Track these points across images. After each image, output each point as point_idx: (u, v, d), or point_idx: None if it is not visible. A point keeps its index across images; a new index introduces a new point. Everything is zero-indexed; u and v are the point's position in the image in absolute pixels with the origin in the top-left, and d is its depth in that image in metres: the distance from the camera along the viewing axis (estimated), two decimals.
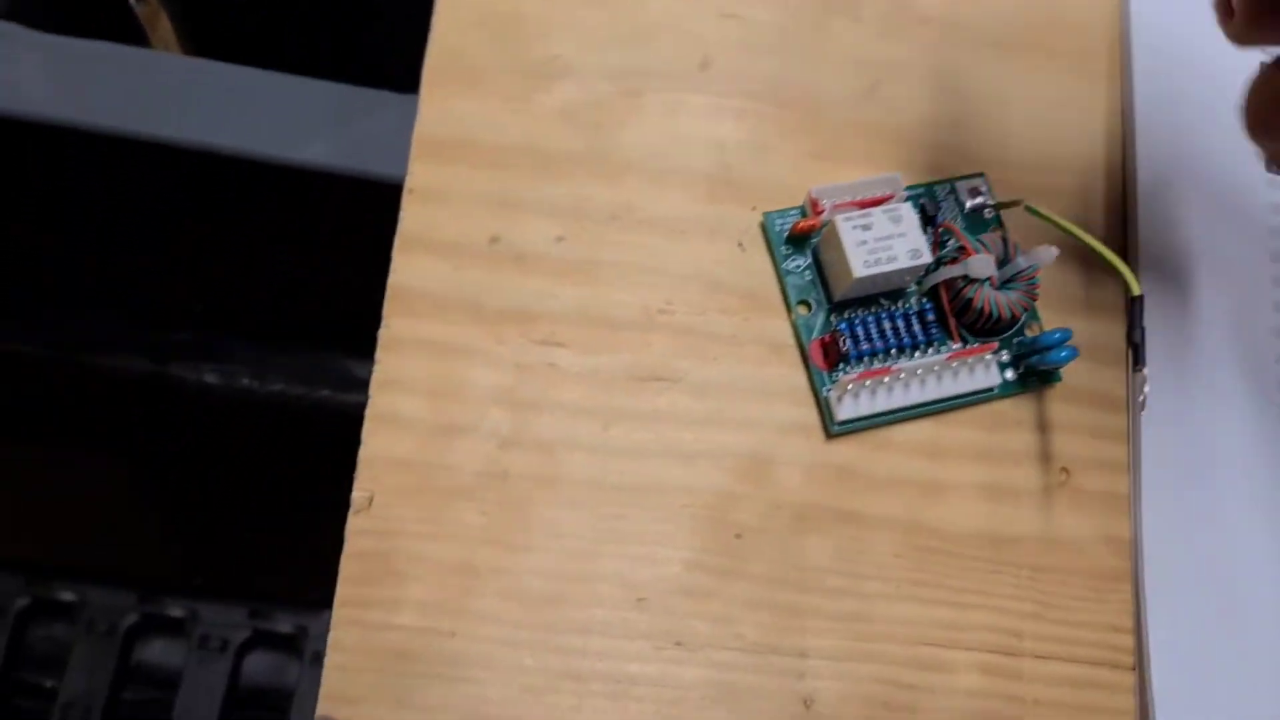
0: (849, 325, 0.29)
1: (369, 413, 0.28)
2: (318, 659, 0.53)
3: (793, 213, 0.30)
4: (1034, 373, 0.30)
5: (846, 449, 0.29)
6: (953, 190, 0.31)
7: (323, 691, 0.26)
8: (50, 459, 0.50)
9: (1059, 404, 0.30)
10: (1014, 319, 0.29)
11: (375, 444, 0.27)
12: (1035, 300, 0.29)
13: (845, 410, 0.28)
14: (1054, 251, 0.28)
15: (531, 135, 0.30)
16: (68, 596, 0.53)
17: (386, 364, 0.28)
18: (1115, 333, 0.31)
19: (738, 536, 0.28)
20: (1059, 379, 0.30)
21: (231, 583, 0.53)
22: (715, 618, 0.27)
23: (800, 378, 0.29)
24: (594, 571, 0.27)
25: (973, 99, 0.33)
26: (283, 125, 0.31)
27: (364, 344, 0.40)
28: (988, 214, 0.31)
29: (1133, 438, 0.30)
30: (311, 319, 0.42)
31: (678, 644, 0.27)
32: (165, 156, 0.32)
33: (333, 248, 0.38)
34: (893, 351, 0.29)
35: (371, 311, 0.36)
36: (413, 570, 0.27)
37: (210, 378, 0.41)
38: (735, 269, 0.30)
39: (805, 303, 0.30)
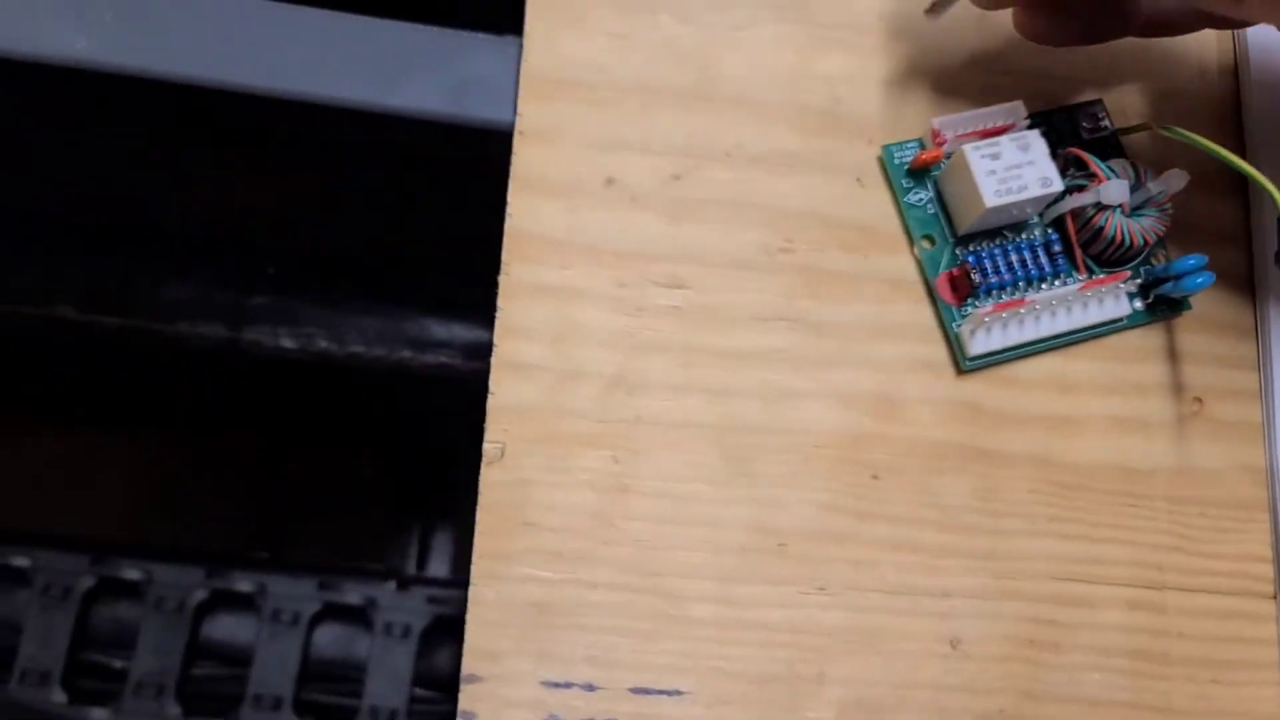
0: (976, 258, 0.28)
1: (495, 360, 0.27)
2: (389, 630, 0.53)
3: (912, 145, 0.29)
4: (1164, 302, 0.29)
5: (975, 386, 0.28)
6: (1071, 118, 0.30)
7: (466, 648, 0.25)
8: (118, 434, 0.49)
9: (1187, 334, 0.29)
10: (1146, 245, 0.28)
11: (502, 393, 0.27)
12: (1168, 227, 0.28)
13: (978, 345, 0.28)
14: (1185, 176, 0.27)
15: (638, 70, 0.29)
16: (134, 575, 0.52)
17: (508, 311, 0.27)
18: (1238, 259, 0.30)
19: (875, 477, 0.27)
20: (1189, 307, 0.29)
21: (298, 555, 0.52)
22: (856, 560, 0.27)
23: (924, 313, 0.29)
24: (730, 517, 0.26)
25: None
26: (377, 70, 0.30)
27: (442, 302, 0.39)
28: (1109, 142, 0.30)
29: (1264, 365, 0.29)
30: (388, 278, 0.41)
31: (820, 588, 0.26)
32: (248, 105, 0.30)
33: (408, 200, 0.37)
34: (1021, 284, 0.28)
35: (450, 268, 0.35)
36: (547, 520, 0.26)
37: (287, 342, 0.40)
38: (852, 204, 0.29)
39: (929, 237, 0.29)
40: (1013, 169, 0.27)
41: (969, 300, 0.28)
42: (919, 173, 0.29)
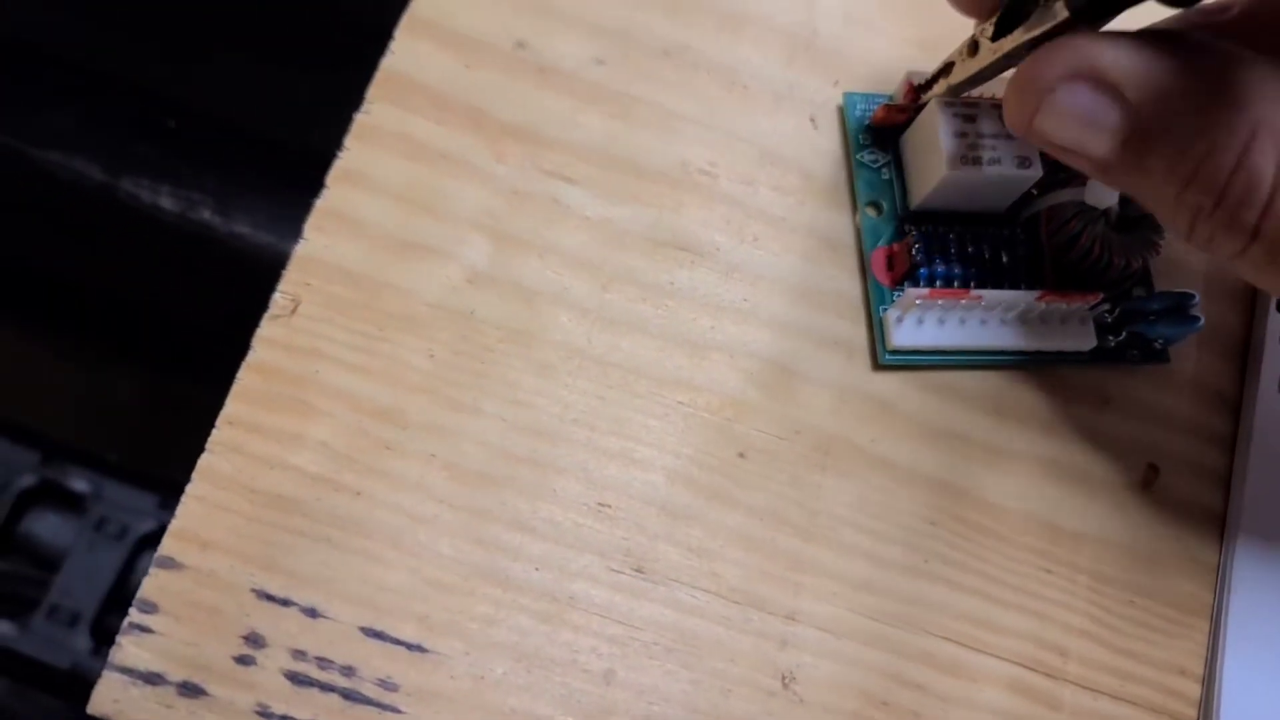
0: (924, 238, 0.24)
1: (318, 205, 0.22)
2: None
3: (881, 99, 0.25)
4: (1137, 343, 0.24)
5: (893, 383, 0.23)
6: None
7: (173, 526, 0.20)
8: None
9: (1159, 385, 0.24)
10: (1127, 269, 0.23)
11: (318, 243, 0.22)
12: (1157, 254, 0.24)
13: (903, 335, 0.23)
14: None
15: None
16: None
17: (355, 152, 0.22)
18: (1234, 320, 0.25)
19: (740, 455, 0.22)
20: (1165, 359, 0.24)
21: (148, 464, 0.47)
22: (692, 547, 0.21)
23: (854, 287, 0.24)
24: (553, 457, 0.21)
25: None
26: None
27: None
28: None
29: (1241, 446, 0.24)
30: (291, 162, 0.37)
31: (637, 569, 0.21)
32: None
33: (327, 75, 0.32)
34: (972, 282, 0.24)
35: None
36: (326, 404, 0.21)
37: (166, 202, 0.36)
38: (800, 145, 0.25)
39: (876, 204, 0.24)
40: (987, 139, 0.23)
41: (904, 283, 0.23)
42: (882, 132, 0.24)
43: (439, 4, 0.24)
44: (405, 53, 0.23)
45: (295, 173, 0.37)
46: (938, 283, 0.23)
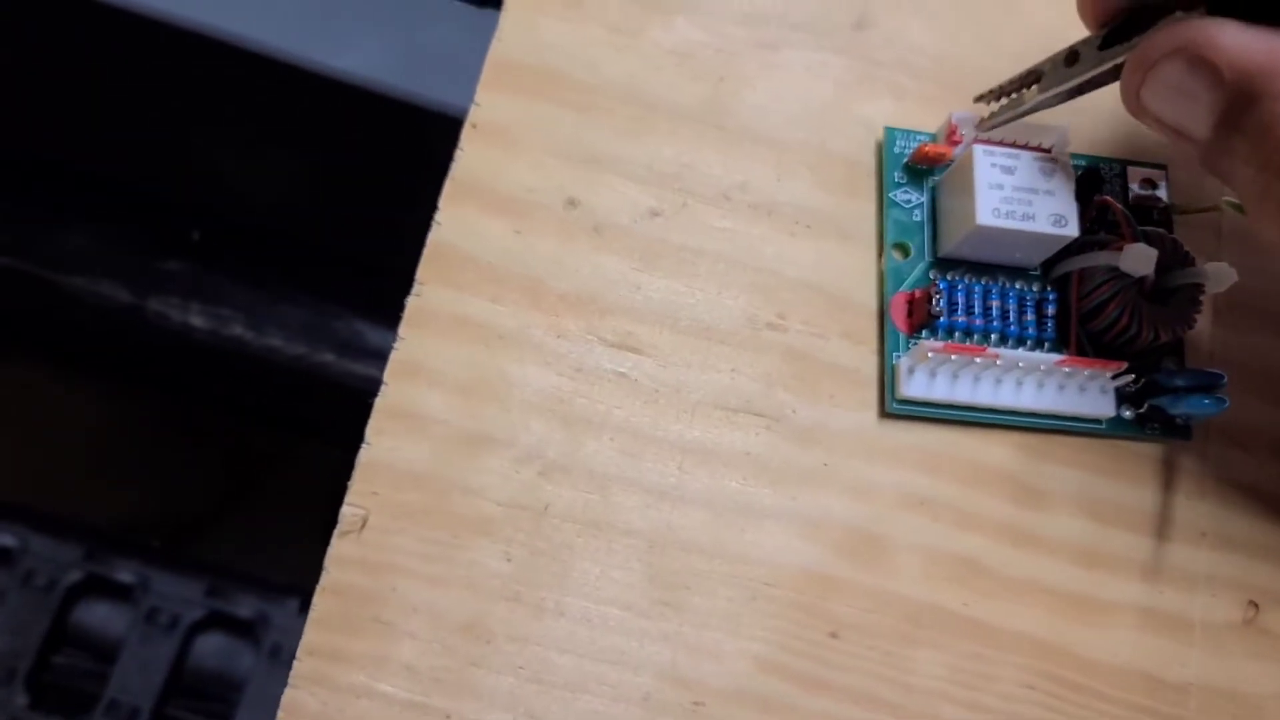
0: (949, 287, 0.23)
1: (379, 404, 0.21)
2: (276, 652, 0.47)
3: (923, 137, 0.24)
4: (1159, 418, 0.23)
5: (982, 541, 0.22)
6: (1122, 174, 0.24)
7: None
8: (4, 381, 0.43)
9: (1245, 513, 0.23)
10: (1157, 341, 0.22)
11: (382, 446, 0.21)
12: (1192, 326, 0.22)
13: (914, 386, 0.22)
14: (1233, 275, 0.22)
15: (636, 77, 0.24)
16: (7, 541, 0.46)
17: (411, 343, 0.21)
18: (1270, 414, 0.24)
19: (832, 635, 0.21)
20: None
21: (191, 552, 0.46)
22: None
23: (935, 439, 0.23)
24: (641, 656, 0.21)
25: None
26: (323, 23, 0.25)
27: (383, 307, 0.33)
28: (1156, 215, 0.24)
29: None
30: (325, 268, 0.36)
31: None
32: (174, 40, 0.25)
33: (364, 183, 0.31)
34: (993, 337, 0.23)
35: (401, 270, 0.29)
36: (407, 623, 0.20)
37: (197, 320, 0.35)
38: (871, 285, 0.23)
39: (903, 246, 0.23)
40: (1024, 192, 0.22)
41: (922, 332, 0.23)
42: (918, 171, 0.24)
43: (483, 162, 0.23)
44: (452, 222, 0.22)
45: (325, 278, 0.36)
46: (956, 334, 0.23)
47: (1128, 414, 0.23)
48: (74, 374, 0.42)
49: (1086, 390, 0.23)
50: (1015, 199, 0.22)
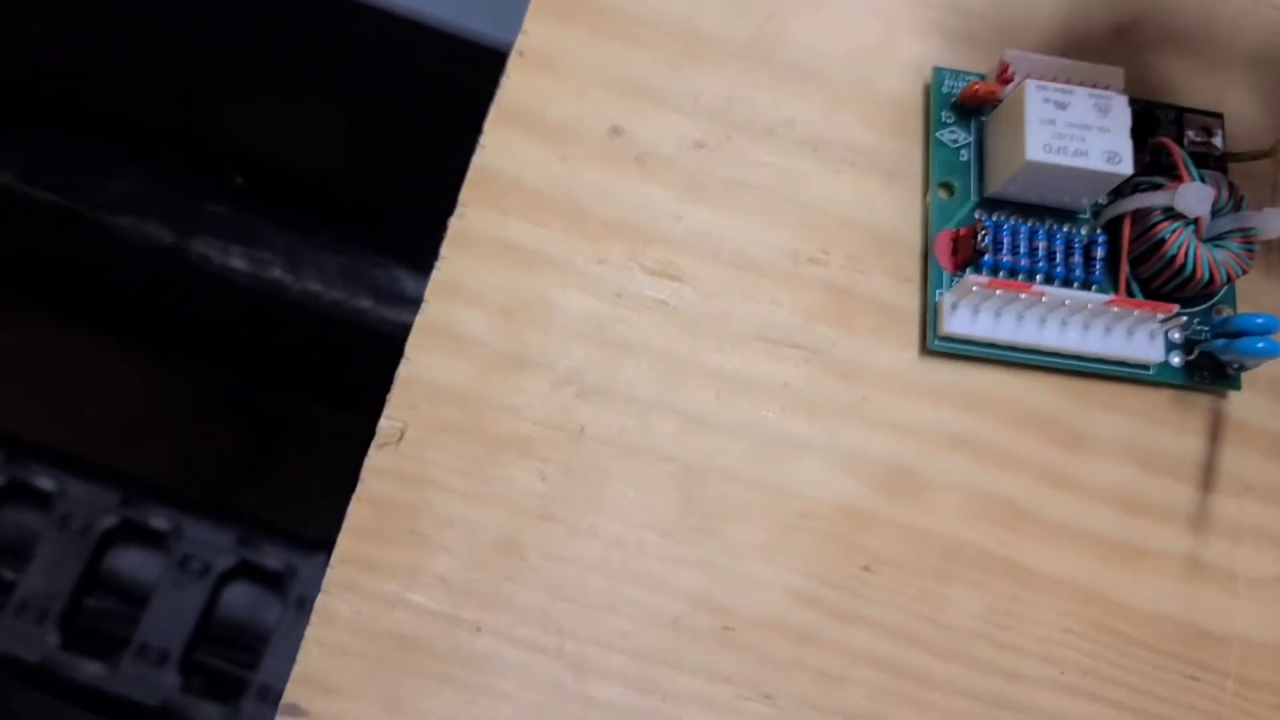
0: (995, 226, 0.22)
1: (419, 321, 0.21)
2: (303, 604, 0.47)
3: (973, 77, 0.24)
4: (1209, 365, 0.22)
5: (1023, 481, 0.22)
6: (1178, 120, 0.24)
7: (296, 671, 0.19)
8: (47, 325, 0.44)
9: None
10: (1212, 283, 0.22)
11: (421, 362, 0.21)
12: (1246, 271, 0.22)
13: (957, 323, 0.22)
14: None
15: (685, 11, 0.24)
16: (46, 484, 0.47)
17: (453, 262, 0.22)
18: None
19: (866, 569, 0.21)
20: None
21: (224, 503, 0.47)
22: (820, 670, 0.20)
23: (980, 379, 0.22)
24: (674, 580, 0.20)
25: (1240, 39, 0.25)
26: None
27: (422, 254, 0.33)
28: (1212, 163, 0.24)
29: None
30: (365, 215, 0.36)
31: (767, 696, 0.20)
32: None
33: (407, 126, 0.31)
34: (1039, 278, 0.22)
35: (442, 217, 0.29)
36: (441, 536, 0.20)
37: (237, 262, 0.35)
38: (916, 223, 0.23)
39: (948, 185, 0.23)
40: (1077, 128, 0.21)
41: (966, 269, 0.22)
42: (967, 110, 0.23)
43: (529, 89, 0.23)
44: (497, 147, 0.22)
45: (364, 226, 0.36)
46: (1002, 274, 0.22)
47: (1176, 360, 0.23)
48: (115, 321, 0.42)
49: (1135, 334, 0.22)
50: (1068, 134, 0.21)
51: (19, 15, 0.32)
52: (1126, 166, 0.21)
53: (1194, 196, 0.21)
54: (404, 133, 0.32)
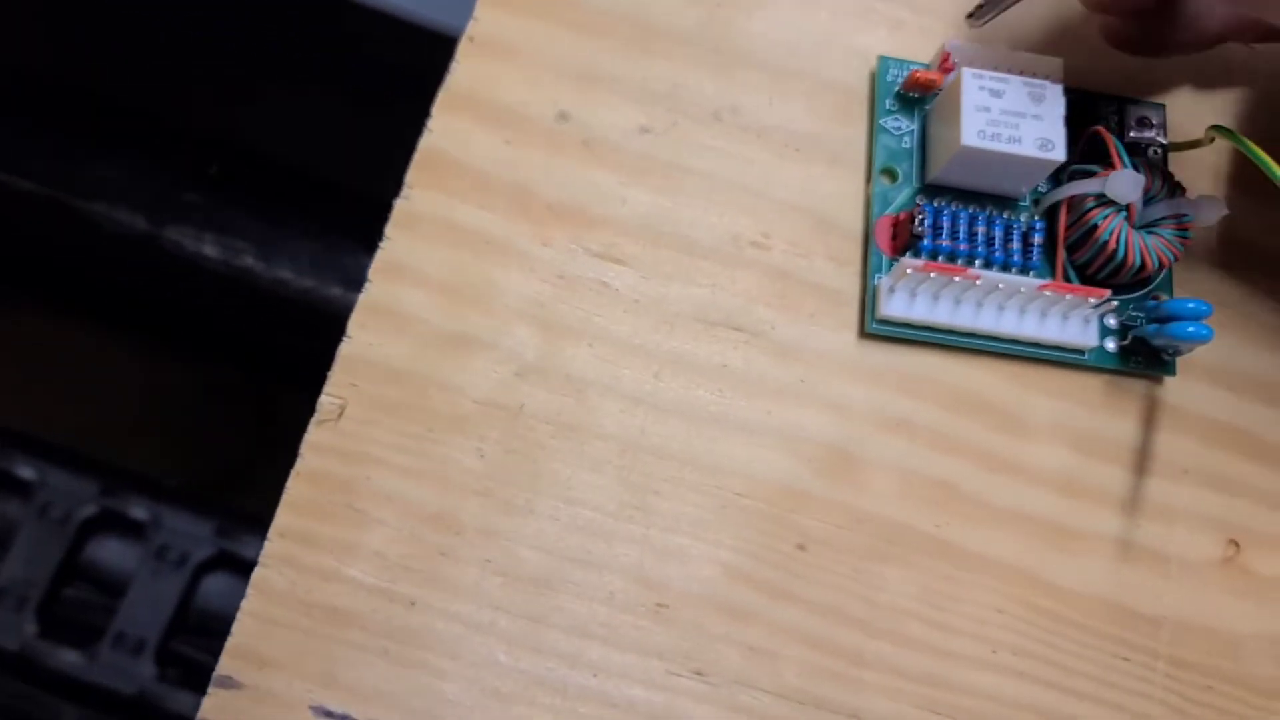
0: (934, 211, 0.23)
1: (362, 300, 0.22)
2: None
3: (917, 66, 0.24)
4: (1142, 349, 0.23)
5: (960, 465, 0.22)
6: (1119, 110, 0.24)
7: (230, 644, 0.20)
8: (17, 310, 0.44)
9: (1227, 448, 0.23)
10: (1144, 269, 0.22)
11: (363, 340, 0.21)
12: (1178, 257, 0.22)
13: (894, 306, 0.22)
14: (1222, 208, 0.21)
15: None
16: (26, 473, 0.48)
17: (397, 243, 0.22)
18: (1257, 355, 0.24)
19: (800, 547, 0.21)
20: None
21: (203, 493, 0.47)
22: (752, 647, 0.21)
23: (920, 363, 0.23)
24: (608, 557, 0.21)
25: None
26: None
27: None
28: (1152, 153, 0.24)
29: None
30: (335, 204, 0.36)
31: (697, 672, 0.20)
32: None
33: (370, 115, 0.32)
34: (977, 263, 0.23)
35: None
36: (378, 511, 0.20)
37: (210, 249, 0.35)
38: (858, 209, 0.23)
39: (890, 171, 0.23)
40: (1011, 116, 0.22)
41: (905, 254, 0.23)
42: (910, 100, 0.24)
43: (477, 75, 0.23)
44: (444, 130, 0.23)
45: (336, 214, 0.36)
46: (940, 258, 0.22)
47: (1111, 345, 0.23)
48: (87, 307, 0.43)
49: (1069, 319, 0.22)
50: (1002, 121, 0.22)
51: None
52: (1059, 153, 0.22)
53: (1125, 183, 0.21)
54: (373, 120, 0.32)
